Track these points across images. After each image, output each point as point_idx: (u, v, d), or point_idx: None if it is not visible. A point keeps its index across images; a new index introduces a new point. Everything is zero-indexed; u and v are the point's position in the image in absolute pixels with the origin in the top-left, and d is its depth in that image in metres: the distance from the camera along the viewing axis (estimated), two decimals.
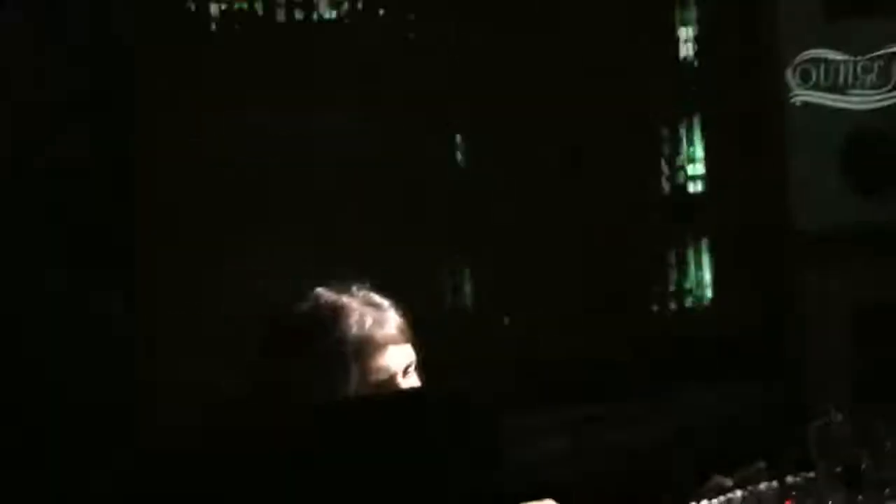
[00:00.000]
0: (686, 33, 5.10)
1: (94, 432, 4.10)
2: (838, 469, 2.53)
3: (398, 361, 2.41)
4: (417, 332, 2.50)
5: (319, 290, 2.48)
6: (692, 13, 5.13)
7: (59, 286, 4.21)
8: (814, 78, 5.11)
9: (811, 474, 2.57)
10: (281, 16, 4.68)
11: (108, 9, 4.35)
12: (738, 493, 2.53)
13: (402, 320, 2.47)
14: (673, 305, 4.99)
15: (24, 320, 4.15)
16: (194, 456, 1.87)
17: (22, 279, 4.16)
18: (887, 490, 2.52)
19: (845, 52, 5.15)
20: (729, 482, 2.56)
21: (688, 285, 5.02)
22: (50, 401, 4.10)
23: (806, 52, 5.11)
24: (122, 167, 4.42)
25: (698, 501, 2.47)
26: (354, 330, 2.39)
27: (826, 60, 5.12)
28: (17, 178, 4.20)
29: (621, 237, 4.96)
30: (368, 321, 2.41)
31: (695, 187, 5.09)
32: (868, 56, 5.17)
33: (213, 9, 4.61)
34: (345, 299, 2.45)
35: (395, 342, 2.42)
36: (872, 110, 5.17)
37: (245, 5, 4.64)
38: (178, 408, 4.15)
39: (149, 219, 4.46)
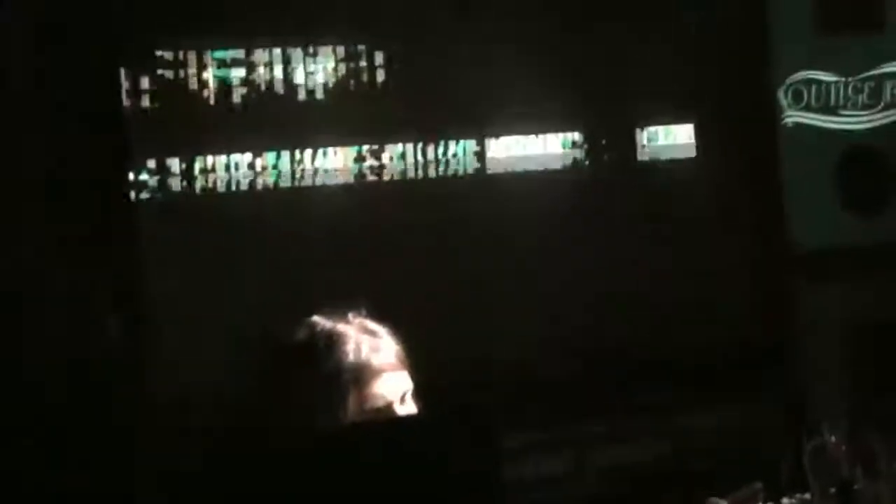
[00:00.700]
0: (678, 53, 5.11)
1: (94, 453, 4.11)
2: (833, 489, 2.54)
3: (395, 388, 2.42)
4: (414, 357, 2.50)
5: (316, 317, 2.49)
6: (685, 33, 5.13)
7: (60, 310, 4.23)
8: (805, 98, 5.14)
9: (807, 495, 2.57)
10: None
11: None
12: None
13: (398, 347, 2.48)
14: (668, 325, 4.99)
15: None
16: (193, 478, 1.88)
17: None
18: None
19: (836, 72, 5.18)
20: (724, 503, 2.57)
21: (683, 304, 5.02)
22: (48, 416, 4.11)
23: (798, 73, 5.14)
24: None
25: None
26: (351, 357, 2.40)
27: (818, 81, 5.15)
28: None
29: (619, 257, 4.97)
30: (365, 348, 2.42)
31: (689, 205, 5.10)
32: (859, 76, 5.20)
33: None
34: (341, 327, 2.45)
35: (391, 369, 2.43)
36: (864, 130, 5.19)
37: None
38: (177, 433, 4.15)
39: (149, 243, 4.48)
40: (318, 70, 4.69)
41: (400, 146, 4.77)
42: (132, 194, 4.45)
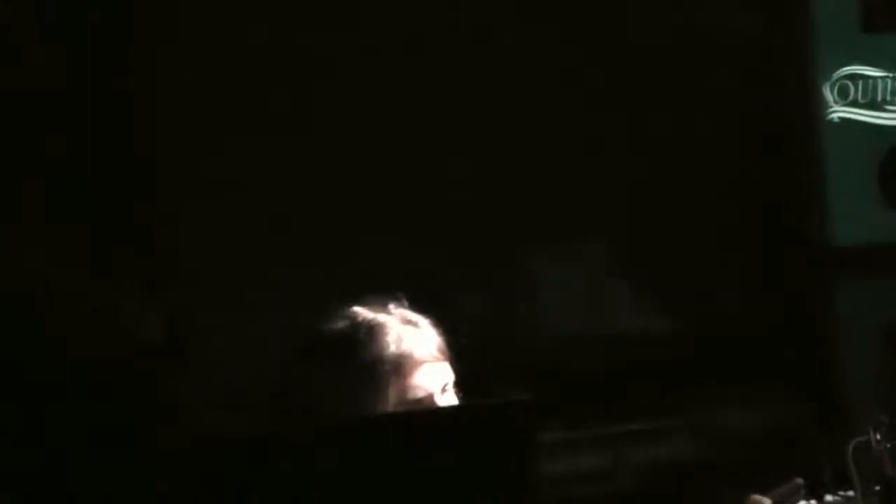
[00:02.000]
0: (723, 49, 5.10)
1: (136, 441, 4.13)
2: (877, 487, 2.52)
3: (436, 379, 2.41)
4: (456, 349, 2.50)
5: (357, 308, 2.48)
6: (729, 28, 5.12)
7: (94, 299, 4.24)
8: (851, 94, 5.10)
9: (850, 493, 2.56)
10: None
11: None
12: None
13: (439, 338, 2.47)
14: (711, 323, 4.97)
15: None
16: (233, 469, 1.88)
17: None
18: None
19: (883, 67, 5.14)
20: (767, 501, 2.56)
21: (724, 303, 5.00)
22: (89, 410, 4.13)
23: (843, 69, 5.11)
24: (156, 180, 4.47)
25: None
26: (392, 348, 2.39)
27: (864, 76, 5.11)
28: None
29: (658, 256, 4.96)
30: (406, 339, 2.41)
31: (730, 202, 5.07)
32: None
33: None
34: (382, 317, 2.45)
35: (432, 360, 2.42)
36: None
37: None
38: (217, 421, 4.17)
39: (188, 232, 4.49)
40: None
41: None
42: None
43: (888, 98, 5.14)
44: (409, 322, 2.45)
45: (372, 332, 2.41)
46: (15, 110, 4.17)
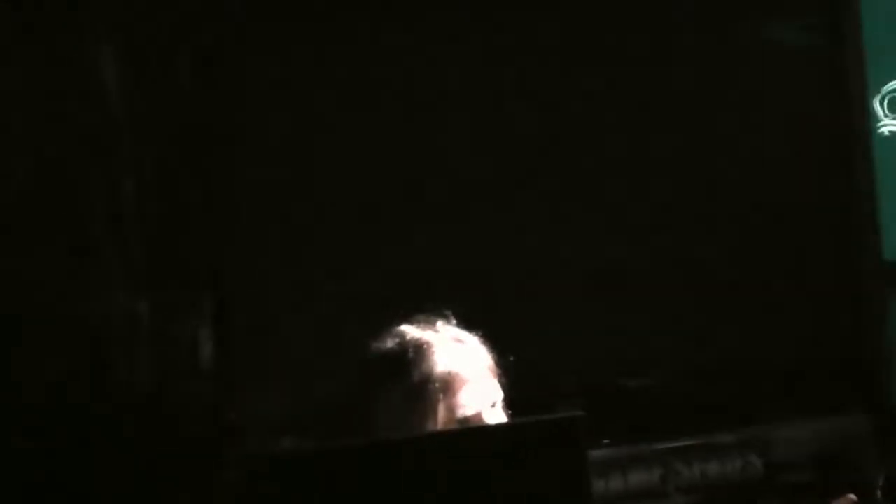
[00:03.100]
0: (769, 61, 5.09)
1: (183, 460, 4.15)
2: None
3: (484, 397, 2.42)
4: (503, 367, 2.50)
5: (405, 327, 2.49)
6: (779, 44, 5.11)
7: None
8: None
9: None
10: None
11: None
12: None
13: (487, 357, 2.47)
14: (757, 336, 4.95)
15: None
16: (290, 489, 1.88)
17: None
18: None
19: None
20: None
21: (773, 315, 4.98)
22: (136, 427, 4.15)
23: (894, 82, 5.08)
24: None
25: None
26: (440, 367, 2.40)
27: None
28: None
29: (710, 268, 4.94)
30: (454, 358, 2.42)
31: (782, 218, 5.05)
32: None
33: None
34: (430, 336, 2.46)
35: (480, 378, 2.43)
36: None
37: None
38: (264, 441, 4.18)
39: (239, 253, 4.52)
40: None
41: None
42: None
43: None
44: (456, 340, 2.46)
45: (420, 351, 2.42)
46: None
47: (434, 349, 2.42)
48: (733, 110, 5.01)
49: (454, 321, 2.51)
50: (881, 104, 5.06)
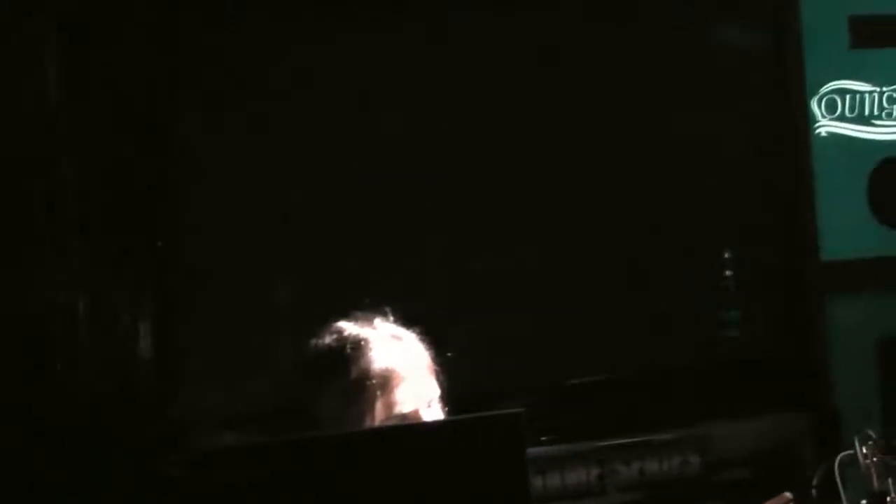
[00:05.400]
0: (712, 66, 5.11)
1: (124, 457, 4.12)
2: (864, 501, 2.52)
3: (422, 394, 2.41)
4: (441, 364, 2.49)
5: (343, 323, 2.48)
6: (718, 45, 5.13)
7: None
8: (839, 108, 5.11)
9: None
10: None
11: None
12: None
13: (424, 353, 2.47)
14: (698, 336, 4.97)
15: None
16: (228, 485, 1.87)
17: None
18: None
19: (871, 82, 5.15)
20: None
21: (713, 316, 5.00)
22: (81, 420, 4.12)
23: (831, 83, 5.11)
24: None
25: None
26: (378, 364, 2.39)
27: (852, 91, 5.12)
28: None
29: (649, 268, 4.96)
30: (391, 354, 2.42)
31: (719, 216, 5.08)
32: (894, 86, 5.17)
33: None
34: (368, 333, 2.45)
35: (418, 375, 2.42)
36: None
37: None
38: (205, 436, 4.16)
39: (181, 249, 4.50)
40: None
41: None
42: None
43: (875, 112, 5.15)
44: (394, 337, 2.46)
45: (358, 347, 2.41)
46: None
47: (372, 346, 2.41)
48: (674, 110, 5.02)
49: (392, 318, 2.50)
50: (819, 104, 5.10)
